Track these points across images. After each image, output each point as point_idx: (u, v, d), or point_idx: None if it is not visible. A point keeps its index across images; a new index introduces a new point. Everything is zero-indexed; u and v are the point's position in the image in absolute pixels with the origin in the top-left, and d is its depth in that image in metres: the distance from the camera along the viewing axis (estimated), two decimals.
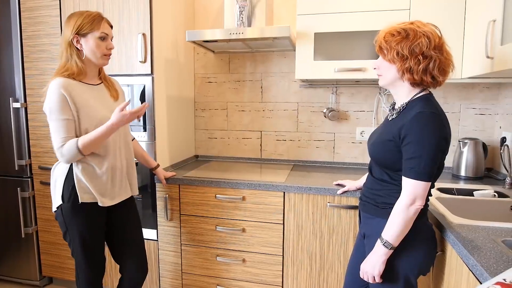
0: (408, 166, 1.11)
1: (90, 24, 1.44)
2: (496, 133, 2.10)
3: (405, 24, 1.17)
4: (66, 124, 1.41)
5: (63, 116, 1.40)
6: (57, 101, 1.39)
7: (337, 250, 1.82)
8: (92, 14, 1.47)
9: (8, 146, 2.29)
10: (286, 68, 2.40)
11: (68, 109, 1.41)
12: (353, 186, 1.73)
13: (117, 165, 1.56)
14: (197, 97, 2.60)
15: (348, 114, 2.33)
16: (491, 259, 0.96)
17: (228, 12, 2.16)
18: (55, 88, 1.40)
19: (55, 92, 1.39)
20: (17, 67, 2.22)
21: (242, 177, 2.00)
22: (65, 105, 1.40)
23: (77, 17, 1.45)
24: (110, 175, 1.53)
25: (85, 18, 1.45)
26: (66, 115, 1.41)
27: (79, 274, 1.57)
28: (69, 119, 1.41)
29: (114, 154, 1.55)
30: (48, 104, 1.41)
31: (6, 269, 2.44)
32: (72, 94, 1.42)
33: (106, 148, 1.52)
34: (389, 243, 1.14)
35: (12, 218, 2.34)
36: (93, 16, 1.46)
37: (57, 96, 1.39)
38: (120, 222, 1.65)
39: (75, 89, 1.44)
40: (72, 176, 1.46)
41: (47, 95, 1.42)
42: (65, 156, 1.41)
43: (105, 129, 1.40)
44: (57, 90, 1.39)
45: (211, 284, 2.04)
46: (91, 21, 1.45)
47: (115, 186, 1.56)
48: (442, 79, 1.16)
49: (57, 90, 1.39)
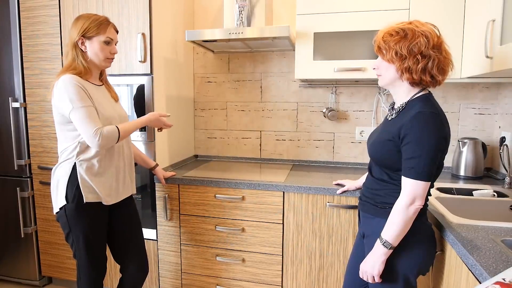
0: (408, 166, 1.11)
1: (96, 28, 1.46)
2: (496, 132, 2.10)
3: (403, 24, 1.17)
4: (93, 111, 1.42)
5: (87, 103, 1.41)
6: (76, 91, 1.39)
7: (336, 249, 1.82)
8: (100, 18, 1.49)
9: (7, 146, 2.29)
10: (286, 68, 2.40)
11: (88, 98, 1.43)
12: (353, 186, 1.73)
13: (120, 164, 1.59)
14: (196, 97, 2.60)
15: (347, 114, 2.33)
16: (490, 259, 0.96)
17: (227, 11, 2.16)
18: (69, 81, 1.40)
19: (71, 84, 1.40)
20: (16, 67, 2.21)
21: (241, 177, 2.00)
22: (85, 95, 1.42)
23: (85, 19, 1.47)
24: (115, 174, 1.56)
25: (92, 22, 1.47)
26: (89, 102, 1.42)
27: (81, 275, 1.57)
28: (91, 106, 1.42)
29: (118, 153, 1.57)
30: (67, 96, 1.39)
31: (5, 269, 2.43)
32: (85, 89, 1.44)
33: (112, 147, 1.53)
34: (388, 243, 1.14)
35: (11, 218, 2.33)
36: (100, 20, 1.48)
37: (75, 87, 1.40)
38: (121, 221, 1.66)
39: (85, 86, 1.46)
40: (76, 176, 1.46)
41: (61, 89, 1.40)
42: (105, 137, 1.40)
43: (139, 122, 1.55)
44: (72, 83, 1.40)
45: (211, 284, 2.04)
46: (98, 25, 1.47)
47: (119, 185, 1.58)
48: (442, 78, 1.16)
49: (73, 83, 1.40)
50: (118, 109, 1.61)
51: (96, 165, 1.49)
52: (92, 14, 1.50)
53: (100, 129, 1.40)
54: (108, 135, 1.41)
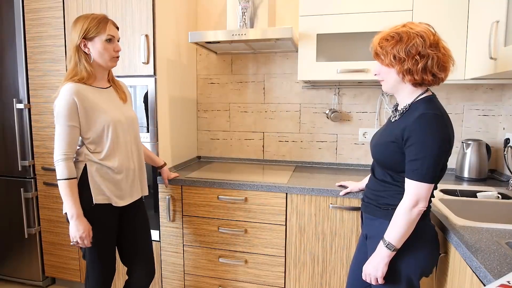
0: (411, 167, 1.11)
1: (96, 27, 1.45)
2: (500, 134, 2.09)
3: (397, 28, 1.17)
4: (70, 132, 1.42)
5: (69, 123, 1.42)
6: (67, 107, 1.41)
7: (339, 251, 1.82)
8: (98, 17, 1.48)
9: (11, 147, 2.30)
10: (289, 69, 2.40)
11: (76, 116, 1.43)
12: (356, 187, 1.72)
13: (130, 166, 1.58)
14: (199, 98, 2.60)
15: (350, 115, 2.33)
16: (494, 261, 0.96)
17: (230, 13, 2.16)
18: (66, 94, 1.41)
19: (66, 98, 1.41)
20: (21, 68, 2.23)
21: (244, 178, 2.00)
22: (74, 112, 1.42)
23: (83, 21, 1.46)
24: (125, 175, 1.55)
25: (91, 22, 1.45)
26: (73, 121, 1.42)
27: (90, 275, 1.56)
28: (75, 126, 1.43)
29: (127, 155, 1.56)
30: (57, 108, 1.42)
31: (9, 269, 2.45)
32: (83, 100, 1.43)
33: (118, 149, 1.52)
34: (391, 245, 1.14)
35: (15, 218, 2.35)
36: (98, 19, 1.47)
37: (68, 101, 1.41)
38: (130, 224, 1.66)
39: (85, 94, 1.45)
40: (86, 178, 1.47)
41: (58, 98, 1.43)
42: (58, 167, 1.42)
43: (72, 206, 1.42)
44: (68, 96, 1.41)
45: (214, 285, 2.04)
46: (97, 24, 1.46)
47: (128, 187, 1.57)
48: (444, 75, 1.15)
49: (69, 96, 1.41)
50: (126, 111, 1.59)
51: (106, 166, 1.49)
52: (89, 14, 1.48)
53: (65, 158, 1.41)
54: (60, 169, 1.41)
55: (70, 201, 1.42)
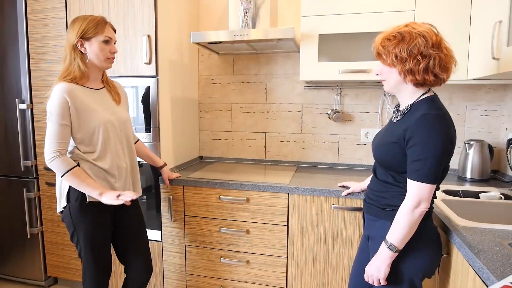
0: (413, 168, 1.11)
1: (94, 28, 1.47)
2: (502, 134, 2.08)
3: (399, 27, 1.17)
4: (62, 130, 1.43)
5: (61, 121, 1.43)
6: (59, 105, 1.42)
7: (341, 252, 1.81)
8: (96, 18, 1.50)
9: (14, 147, 2.31)
10: (291, 70, 2.40)
11: (67, 115, 1.44)
12: (358, 188, 1.72)
13: (122, 165, 1.59)
14: (201, 98, 2.61)
15: (352, 116, 2.32)
16: (497, 262, 0.95)
17: (232, 13, 2.16)
18: (58, 93, 1.43)
19: (58, 97, 1.42)
20: (23, 69, 2.24)
21: (246, 178, 2.00)
22: (65, 111, 1.43)
23: (82, 21, 1.48)
24: (117, 175, 1.56)
25: (90, 22, 1.47)
26: (64, 120, 1.44)
27: (87, 274, 1.58)
28: (67, 125, 1.44)
29: (118, 155, 1.57)
30: (49, 107, 1.44)
31: (11, 269, 2.45)
32: (74, 99, 1.45)
33: (110, 150, 1.53)
34: (394, 246, 1.13)
35: (17, 218, 2.35)
36: (97, 20, 1.49)
37: (59, 100, 1.42)
38: (125, 222, 1.67)
39: (77, 94, 1.46)
40: None
41: (50, 97, 1.45)
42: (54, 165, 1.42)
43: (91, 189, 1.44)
44: (60, 95, 1.42)
45: (215, 285, 2.04)
46: (95, 25, 1.48)
47: (121, 186, 1.58)
48: (446, 76, 1.15)
49: (61, 95, 1.42)
50: (118, 112, 1.60)
51: (97, 165, 1.50)
52: (88, 15, 1.50)
53: (58, 155, 1.41)
54: (57, 165, 1.42)
55: (86, 186, 1.44)
